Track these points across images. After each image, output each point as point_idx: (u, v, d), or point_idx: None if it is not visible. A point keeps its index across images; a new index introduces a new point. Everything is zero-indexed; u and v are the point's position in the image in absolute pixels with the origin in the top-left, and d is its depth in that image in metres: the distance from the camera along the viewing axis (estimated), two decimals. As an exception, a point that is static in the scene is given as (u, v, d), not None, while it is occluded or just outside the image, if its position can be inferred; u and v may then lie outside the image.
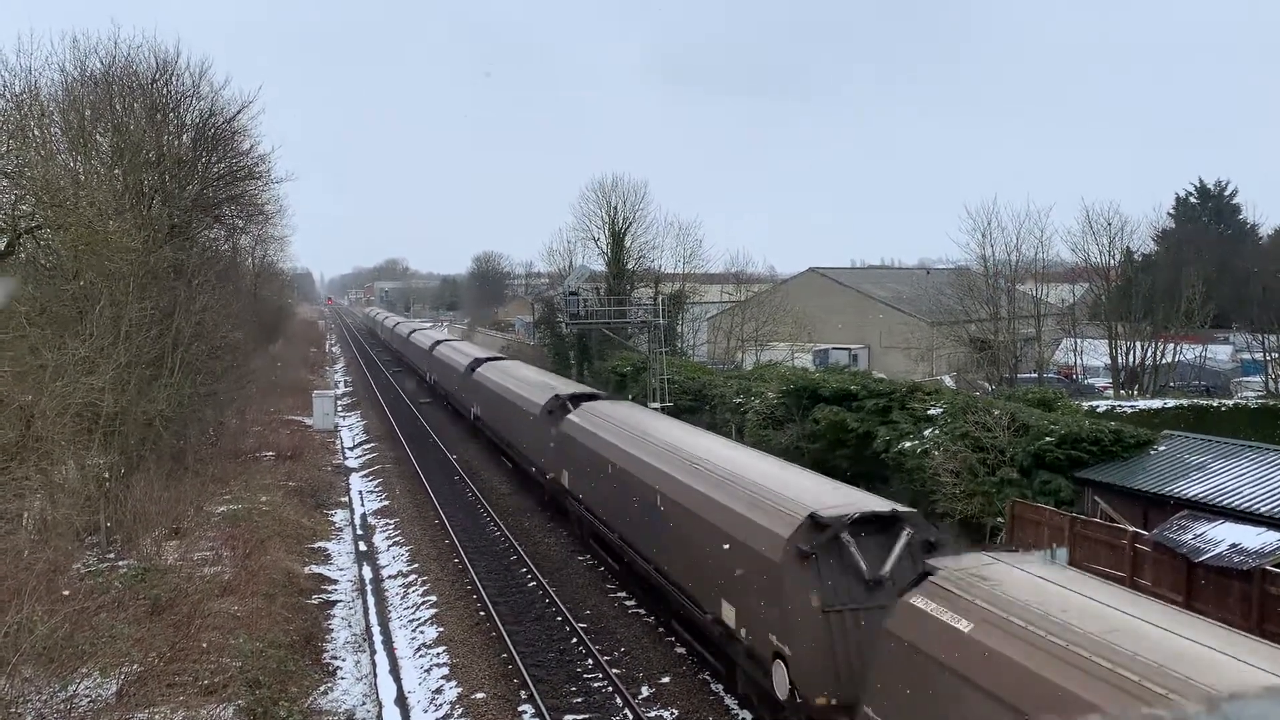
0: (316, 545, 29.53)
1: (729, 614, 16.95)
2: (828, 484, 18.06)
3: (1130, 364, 48.28)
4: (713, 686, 18.75)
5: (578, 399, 31.58)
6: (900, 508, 16.00)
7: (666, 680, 19.12)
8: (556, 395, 32.31)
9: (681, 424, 27.52)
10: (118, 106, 32.57)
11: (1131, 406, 33.65)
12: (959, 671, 10.90)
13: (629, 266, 62.62)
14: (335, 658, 21.21)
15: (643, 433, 24.43)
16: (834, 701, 14.02)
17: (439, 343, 64.98)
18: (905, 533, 15.11)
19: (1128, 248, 53.85)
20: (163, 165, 33.78)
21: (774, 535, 15.51)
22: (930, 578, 12.40)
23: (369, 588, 25.70)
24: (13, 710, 15.30)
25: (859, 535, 15.00)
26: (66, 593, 19.22)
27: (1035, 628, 10.57)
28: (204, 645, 19.12)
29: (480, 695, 18.67)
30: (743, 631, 16.45)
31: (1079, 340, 54.51)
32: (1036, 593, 11.38)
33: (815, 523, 15.04)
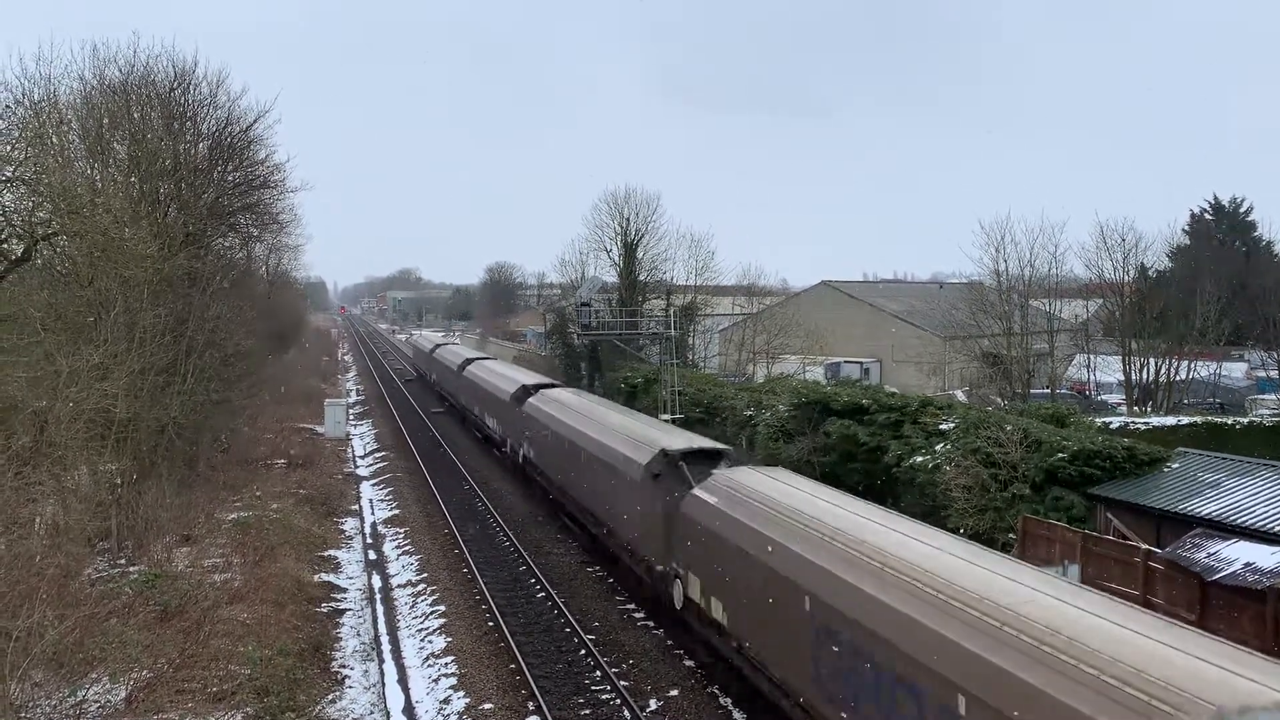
0: (326, 553, 29.56)
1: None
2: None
3: (1144, 381, 47.98)
4: (721, 700, 18.67)
5: None
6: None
7: (675, 693, 19.04)
8: None
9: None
10: (135, 115, 32.79)
11: (1145, 423, 33.44)
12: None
13: (641, 278, 62.66)
14: (344, 666, 21.21)
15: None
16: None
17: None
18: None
19: (1142, 263, 53.58)
20: (179, 173, 33.98)
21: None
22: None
23: (378, 596, 25.71)
24: (23, 715, 15.34)
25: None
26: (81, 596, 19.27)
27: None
28: (213, 652, 19.15)
29: (488, 705, 18.64)
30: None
31: (1092, 356, 54.24)
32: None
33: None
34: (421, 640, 22.55)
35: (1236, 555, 19.50)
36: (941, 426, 29.43)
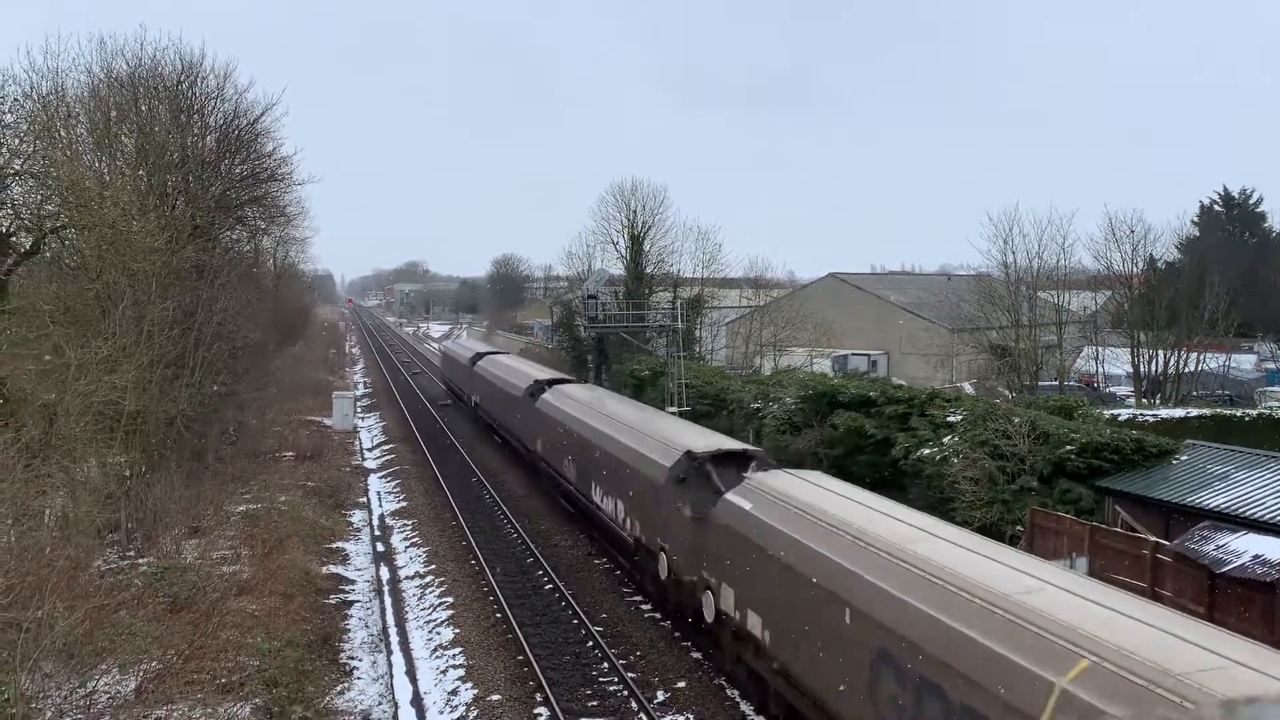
0: (334, 545, 29.65)
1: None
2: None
3: (1153, 373, 47.86)
4: (728, 691, 18.70)
5: None
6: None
7: (682, 684, 19.08)
8: None
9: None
10: (143, 108, 32.85)
11: (1154, 415, 33.35)
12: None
13: (648, 270, 62.62)
14: (352, 658, 21.28)
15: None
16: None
17: None
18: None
19: (1151, 255, 53.44)
20: (186, 166, 34.04)
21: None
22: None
23: (386, 588, 25.78)
24: (34, 705, 15.41)
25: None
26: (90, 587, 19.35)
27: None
28: (222, 644, 19.22)
29: (496, 697, 18.69)
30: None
31: (1101, 348, 54.10)
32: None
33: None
34: (429, 632, 22.61)
35: (1245, 547, 19.45)
36: (949, 419, 29.39)
